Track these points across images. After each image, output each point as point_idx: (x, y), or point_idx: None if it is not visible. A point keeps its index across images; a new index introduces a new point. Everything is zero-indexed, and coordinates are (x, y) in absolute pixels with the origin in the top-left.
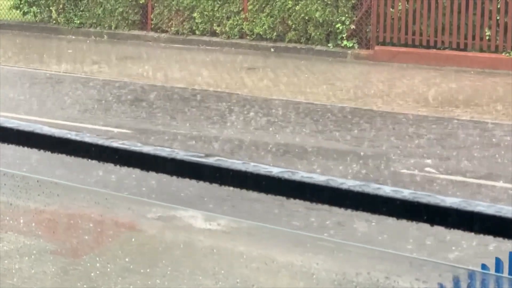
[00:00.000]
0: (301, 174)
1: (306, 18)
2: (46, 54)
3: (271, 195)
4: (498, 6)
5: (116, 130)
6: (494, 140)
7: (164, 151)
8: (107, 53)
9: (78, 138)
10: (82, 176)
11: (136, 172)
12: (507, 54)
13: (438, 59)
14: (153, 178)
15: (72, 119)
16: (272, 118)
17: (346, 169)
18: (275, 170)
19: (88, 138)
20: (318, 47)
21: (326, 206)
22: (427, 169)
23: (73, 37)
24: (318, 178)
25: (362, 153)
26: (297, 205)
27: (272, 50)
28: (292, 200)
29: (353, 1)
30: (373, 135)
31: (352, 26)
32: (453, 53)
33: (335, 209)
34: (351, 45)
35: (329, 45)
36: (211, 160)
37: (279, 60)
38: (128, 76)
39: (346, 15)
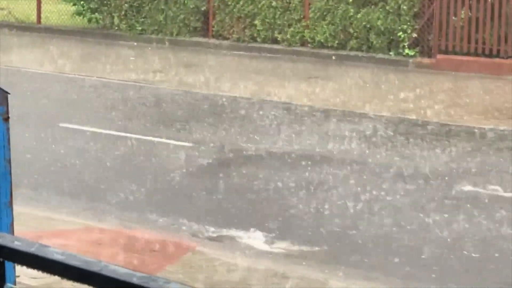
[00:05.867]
0: None
1: (368, 26)
2: (110, 62)
3: None
4: None
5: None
6: None
7: None
8: (168, 60)
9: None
10: None
11: None
12: None
13: (501, 68)
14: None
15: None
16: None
17: (404, 187)
18: None
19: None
20: (380, 55)
21: None
22: (491, 187)
23: (135, 43)
24: None
25: (422, 170)
26: None
27: (333, 58)
28: None
29: (415, 9)
30: (434, 150)
31: (414, 35)
32: None
33: None
34: (413, 53)
35: (390, 53)
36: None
37: (340, 69)
38: (189, 86)
39: (408, 23)
